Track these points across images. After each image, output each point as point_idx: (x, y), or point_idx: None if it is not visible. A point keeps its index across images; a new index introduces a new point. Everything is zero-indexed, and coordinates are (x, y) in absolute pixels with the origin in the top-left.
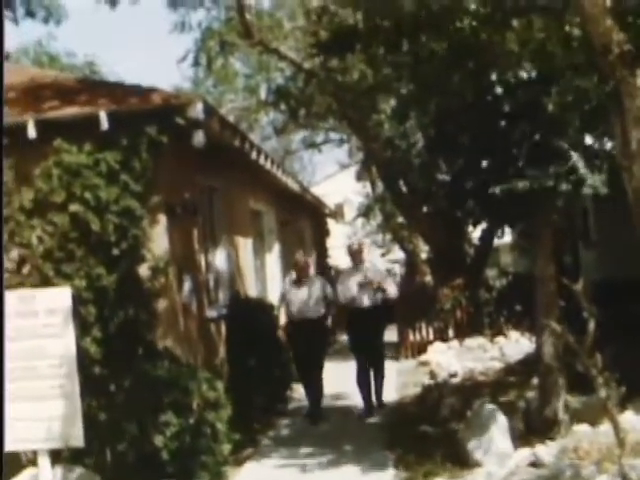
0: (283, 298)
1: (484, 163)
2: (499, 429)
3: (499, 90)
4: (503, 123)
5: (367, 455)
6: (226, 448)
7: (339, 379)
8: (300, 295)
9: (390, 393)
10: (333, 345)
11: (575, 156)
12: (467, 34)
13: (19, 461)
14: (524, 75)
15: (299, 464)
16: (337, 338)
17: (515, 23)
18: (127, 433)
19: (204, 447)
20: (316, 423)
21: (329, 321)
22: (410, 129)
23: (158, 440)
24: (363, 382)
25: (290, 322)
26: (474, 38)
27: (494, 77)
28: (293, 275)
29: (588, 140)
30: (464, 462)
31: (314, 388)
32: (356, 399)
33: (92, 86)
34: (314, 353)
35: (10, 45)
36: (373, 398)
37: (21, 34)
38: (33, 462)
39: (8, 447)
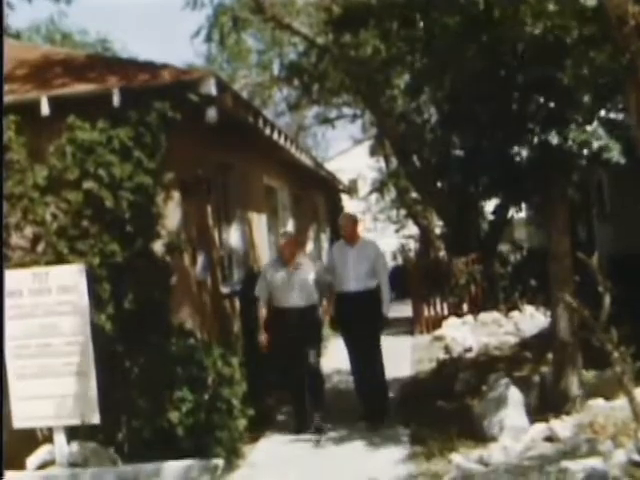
0: (262, 284)
1: (499, 136)
2: (514, 404)
3: (513, 63)
4: (517, 95)
5: (381, 430)
6: (241, 424)
7: None
8: (285, 279)
9: (405, 368)
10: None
11: (595, 123)
12: (481, 7)
13: (35, 438)
14: (538, 48)
15: (313, 439)
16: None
17: None
18: (142, 409)
19: (219, 423)
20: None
21: (320, 311)
22: (424, 104)
23: (173, 416)
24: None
25: (273, 313)
26: (488, 11)
27: (508, 50)
28: (279, 257)
29: (602, 113)
30: (479, 437)
31: (303, 398)
32: None
33: (104, 63)
34: (303, 349)
35: (22, 23)
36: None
37: (33, 11)
38: (49, 439)
39: (24, 424)
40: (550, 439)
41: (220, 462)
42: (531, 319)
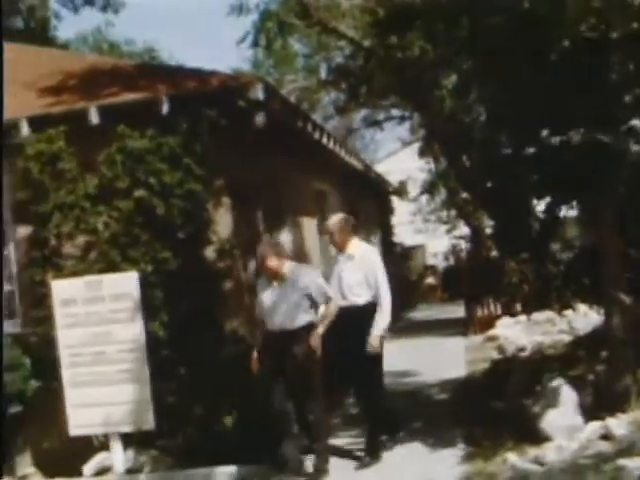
0: (258, 305)
1: (547, 135)
2: (569, 403)
3: (559, 60)
4: (564, 94)
5: (436, 432)
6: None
7: (406, 356)
8: (272, 297)
9: (458, 369)
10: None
11: None
12: (525, 6)
13: (91, 445)
14: (583, 46)
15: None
16: (403, 314)
17: None
18: (195, 416)
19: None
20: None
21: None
22: (472, 104)
23: (226, 422)
24: None
25: (263, 337)
26: (532, 10)
27: (553, 48)
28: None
29: None
30: (534, 437)
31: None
32: (424, 376)
33: (152, 71)
34: (294, 381)
35: (69, 33)
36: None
37: (80, 22)
38: (105, 446)
39: (80, 431)
40: (605, 437)
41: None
42: (585, 317)
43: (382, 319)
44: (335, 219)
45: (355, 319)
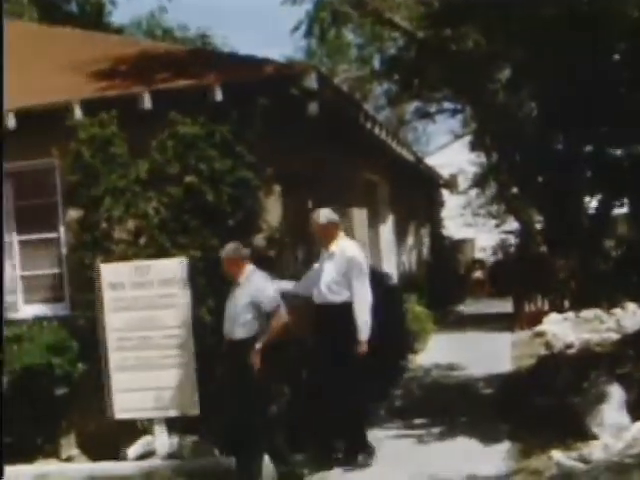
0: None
1: (600, 133)
2: (616, 401)
3: (617, 57)
4: (622, 90)
5: (482, 427)
6: None
7: (453, 349)
8: (229, 303)
9: (505, 364)
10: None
11: None
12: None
13: (135, 429)
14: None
15: (414, 435)
16: (452, 308)
17: None
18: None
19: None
20: None
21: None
22: (525, 98)
23: (271, 410)
24: None
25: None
26: (589, 3)
27: (609, 45)
28: None
29: None
30: (580, 434)
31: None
32: (471, 370)
33: (205, 58)
34: (240, 397)
35: (123, 18)
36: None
37: (134, 8)
38: (149, 430)
39: (124, 415)
40: None
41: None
42: (633, 316)
43: (361, 322)
44: (320, 214)
45: (331, 318)
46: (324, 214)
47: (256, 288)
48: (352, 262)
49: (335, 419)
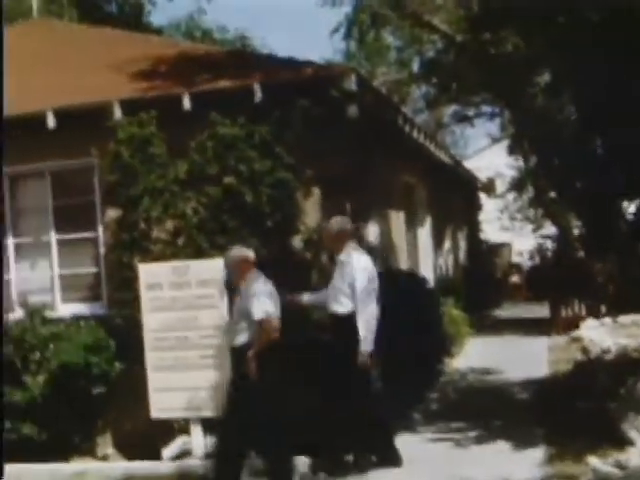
0: None
1: None
2: None
3: None
4: None
5: (518, 431)
6: None
7: (490, 353)
8: (232, 310)
9: (541, 369)
10: None
11: None
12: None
13: (172, 429)
14: None
15: (449, 438)
16: (488, 312)
17: None
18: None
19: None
20: None
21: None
22: (564, 103)
23: (310, 410)
24: None
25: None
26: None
27: None
28: None
29: None
30: (617, 441)
31: None
32: (507, 375)
33: (244, 59)
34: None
35: (162, 19)
36: None
37: (173, 9)
38: (185, 430)
39: (161, 415)
40: None
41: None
42: None
43: (363, 333)
44: (332, 222)
45: (336, 328)
46: (336, 222)
47: (250, 295)
48: (356, 273)
49: (343, 426)
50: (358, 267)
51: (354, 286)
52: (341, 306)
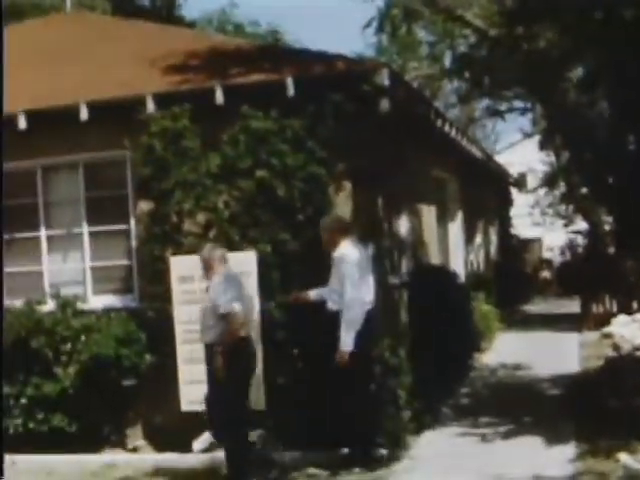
0: None
1: None
2: None
3: None
4: None
5: (547, 427)
6: (406, 415)
7: (520, 349)
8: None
9: (572, 365)
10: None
11: None
12: None
13: (202, 422)
14: None
15: (479, 433)
16: (519, 307)
17: None
18: (309, 398)
19: (384, 413)
20: None
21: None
22: (597, 98)
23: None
24: None
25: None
26: None
27: None
28: None
29: None
30: None
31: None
32: (537, 370)
33: (276, 53)
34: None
35: (194, 13)
36: None
37: (205, 2)
38: None
39: (191, 407)
40: None
41: (384, 452)
42: None
43: (342, 334)
44: (325, 220)
45: (328, 326)
46: (329, 220)
47: (216, 291)
48: (344, 270)
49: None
50: (349, 264)
51: (344, 284)
52: (334, 304)
